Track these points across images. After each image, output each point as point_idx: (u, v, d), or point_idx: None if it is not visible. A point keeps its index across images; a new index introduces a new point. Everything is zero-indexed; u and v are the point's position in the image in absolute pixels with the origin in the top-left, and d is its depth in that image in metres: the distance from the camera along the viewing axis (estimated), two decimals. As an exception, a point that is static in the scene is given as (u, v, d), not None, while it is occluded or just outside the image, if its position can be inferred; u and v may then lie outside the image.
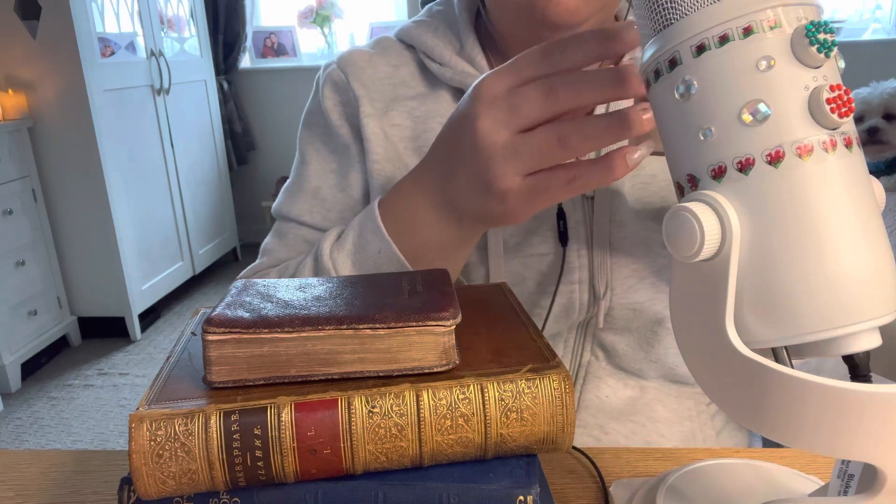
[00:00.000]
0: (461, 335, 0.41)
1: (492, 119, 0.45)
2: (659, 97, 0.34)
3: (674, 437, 0.67)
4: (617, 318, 0.65)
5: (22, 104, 2.59)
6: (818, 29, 0.30)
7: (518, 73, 0.45)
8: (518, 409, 0.38)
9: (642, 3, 0.34)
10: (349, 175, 0.70)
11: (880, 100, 2.27)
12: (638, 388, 0.68)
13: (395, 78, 0.70)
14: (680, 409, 0.68)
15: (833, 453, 0.31)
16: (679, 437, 0.67)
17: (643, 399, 0.68)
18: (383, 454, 0.37)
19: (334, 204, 0.71)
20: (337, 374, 0.39)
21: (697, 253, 0.32)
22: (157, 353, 2.77)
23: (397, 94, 0.70)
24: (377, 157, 0.68)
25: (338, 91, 0.71)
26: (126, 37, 2.91)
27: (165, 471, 0.36)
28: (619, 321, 0.65)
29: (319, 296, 0.43)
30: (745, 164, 0.31)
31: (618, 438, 0.67)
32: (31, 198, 2.62)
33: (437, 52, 0.68)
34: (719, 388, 0.34)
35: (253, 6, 3.78)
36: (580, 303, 0.66)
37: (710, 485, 0.46)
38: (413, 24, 0.72)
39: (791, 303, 0.31)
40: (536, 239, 0.65)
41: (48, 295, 2.69)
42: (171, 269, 3.16)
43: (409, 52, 0.71)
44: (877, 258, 0.31)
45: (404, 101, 0.69)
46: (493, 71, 0.46)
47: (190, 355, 0.44)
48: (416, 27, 0.71)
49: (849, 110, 0.30)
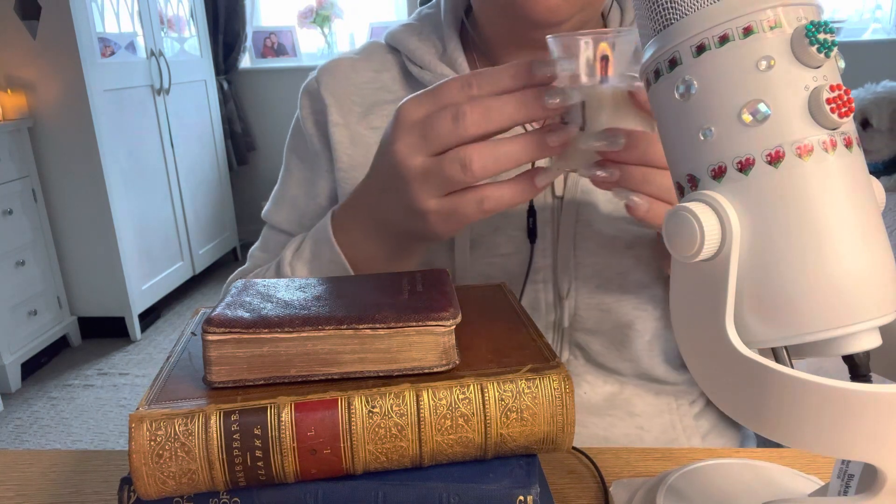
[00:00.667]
0: (461, 335, 0.41)
1: (406, 143, 0.47)
2: (659, 97, 0.34)
3: (653, 429, 0.67)
4: (586, 318, 0.65)
5: (22, 104, 2.59)
6: (818, 29, 0.30)
7: (435, 99, 0.47)
8: (518, 409, 0.38)
9: (642, 3, 0.34)
10: (318, 183, 0.73)
11: (859, 106, 2.26)
12: (617, 385, 0.68)
13: (377, 82, 0.72)
14: (659, 402, 0.68)
15: (833, 453, 0.31)
16: (659, 428, 0.67)
17: (622, 395, 0.68)
18: (383, 454, 0.37)
19: (306, 212, 0.74)
20: (337, 374, 0.39)
21: (697, 253, 0.32)
22: (157, 353, 2.77)
23: (378, 98, 0.71)
24: (343, 166, 0.70)
25: (311, 100, 0.73)
26: (126, 37, 2.91)
27: (165, 471, 0.36)
28: (589, 322, 0.65)
29: (319, 296, 0.43)
30: (745, 164, 0.31)
31: (596, 432, 0.67)
32: (31, 198, 2.62)
33: (418, 56, 0.69)
34: (719, 388, 0.34)
35: (253, 6, 3.77)
36: (545, 303, 0.66)
37: (710, 485, 0.46)
38: (401, 27, 0.73)
39: (791, 303, 0.31)
40: (502, 238, 0.66)
41: (48, 295, 2.69)
42: (171, 269, 3.16)
43: (393, 56, 0.73)
44: (877, 258, 0.31)
45: (384, 106, 0.70)
46: (413, 96, 0.48)
47: (190, 355, 0.44)
48: (402, 30, 0.72)
49: (849, 110, 0.30)
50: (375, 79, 0.72)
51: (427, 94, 0.47)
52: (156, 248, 3.04)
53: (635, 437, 0.67)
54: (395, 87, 0.71)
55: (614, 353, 0.66)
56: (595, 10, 0.63)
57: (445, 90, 0.46)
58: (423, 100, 0.47)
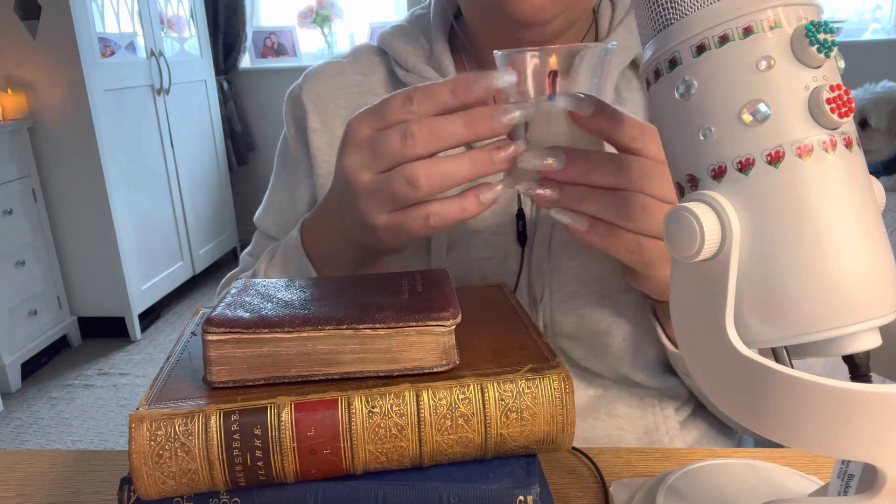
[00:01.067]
0: (461, 335, 0.41)
1: (354, 160, 0.47)
2: (659, 97, 0.34)
3: (635, 430, 0.66)
4: (563, 324, 0.64)
5: (22, 104, 2.59)
6: (818, 29, 0.30)
7: (378, 116, 0.47)
8: (518, 409, 0.38)
9: (642, 3, 0.34)
10: (299, 189, 0.73)
11: (858, 106, 2.27)
12: (600, 388, 0.67)
13: (364, 86, 0.72)
14: (642, 405, 0.67)
15: (833, 453, 0.31)
16: (641, 430, 0.66)
17: (605, 398, 0.67)
18: (383, 454, 0.37)
19: (290, 218, 0.74)
20: (337, 374, 0.39)
21: (697, 253, 0.32)
22: (157, 353, 2.77)
23: (364, 102, 0.70)
24: (321, 173, 0.70)
25: (293, 105, 0.73)
26: (126, 37, 2.91)
27: (165, 471, 0.36)
28: (567, 328, 0.64)
29: (319, 296, 0.43)
30: (745, 164, 0.31)
31: (577, 433, 0.66)
32: (31, 198, 2.61)
33: (404, 58, 0.69)
34: (719, 388, 0.34)
35: (253, 6, 3.77)
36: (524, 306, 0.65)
37: (710, 485, 0.46)
38: (391, 28, 0.73)
39: (791, 303, 0.31)
40: (478, 242, 0.65)
41: (48, 295, 2.69)
42: (171, 269, 3.16)
43: (380, 59, 0.73)
44: (877, 258, 0.31)
45: None
46: (360, 112, 0.48)
47: (190, 355, 0.44)
48: (391, 32, 0.72)
49: (849, 110, 0.30)
50: (362, 82, 0.72)
51: (371, 111, 0.47)
52: (156, 248, 3.04)
53: (616, 438, 0.66)
54: (381, 91, 0.71)
55: (594, 358, 0.65)
56: (581, 9, 0.62)
57: (387, 106, 0.46)
58: (367, 116, 0.47)
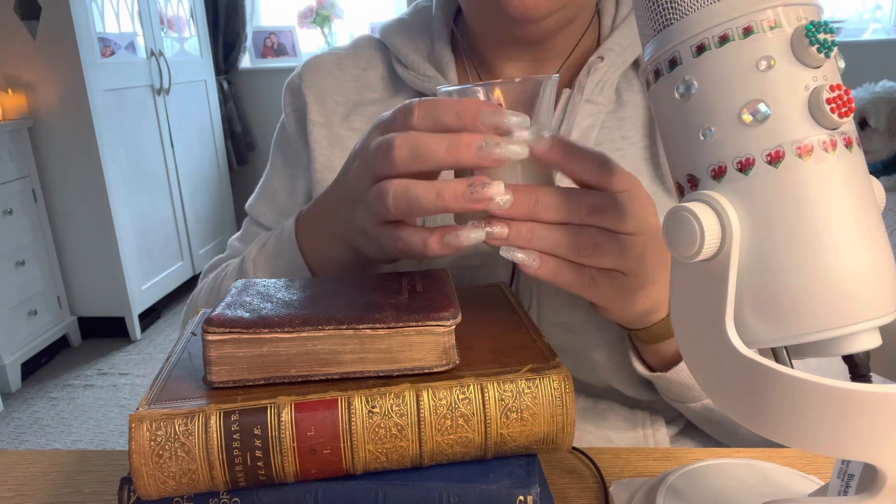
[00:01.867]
0: (461, 335, 0.41)
1: (359, 166, 0.47)
2: (659, 97, 0.34)
3: (625, 441, 0.65)
4: (550, 336, 0.62)
5: (22, 104, 2.59)
6: (818, 29, 0.30)
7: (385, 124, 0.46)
8: (518, 409, 0.38)
9: (642, 3, 0.34)
10: (298, 180, 0.72)
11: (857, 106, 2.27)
12: (591, 399, 0.66)
13: (362, 81, 0.71)
14: (633, 416, 0.66)
15: (833, 453, 0.31)
16: (630, 441, 0.65)
17: (595, 409, 0.66)
18: (383, 454, 0.37)
19: (284, 208, 0.73)
20: (337, 374, 0.39)
21: (697, 253, 0.32)
22: (157, 353, 2.77)
23: (362, 97, 0.70)
24: (318, 166, 0.69)
25: (294, 96, 0.72)
26: (126, 37, 2.91)
27: (165, 471, 0.36)
28: (555, 339, 0.62)
29: (319, 296, 0.43)
30: (745, 164, 0.31)
31: None
32: (31, 198, 2.62)
33: (404, 54, 0.68)
34: (719, 387, 0.34)
35: (253, 6, 3.77)
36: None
37: (710, 485, 0.46)
38: (393, 21, 0.71)
39: (791, 303, 0.31)
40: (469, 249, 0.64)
41: (48, 295, 2.69)
42: (171, 269, 3.16)
43: (380, 53, 0.71)
44: (877, 258, 0.31)
45: (366, 106, 0.69)
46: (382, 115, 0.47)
47: (190, 355, 0.44)
48: (393, 26, 0.71)
49: (849, 110, 0.30)
50: (360, 77, 0.71)
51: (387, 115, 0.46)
52: (156, 248, 3.04)
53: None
54: (379, 87, 0.70)
55: (584, 371, 0.64)
56: (578, 7, 0.62)
57: (395, 113, 0.45)
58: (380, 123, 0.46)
